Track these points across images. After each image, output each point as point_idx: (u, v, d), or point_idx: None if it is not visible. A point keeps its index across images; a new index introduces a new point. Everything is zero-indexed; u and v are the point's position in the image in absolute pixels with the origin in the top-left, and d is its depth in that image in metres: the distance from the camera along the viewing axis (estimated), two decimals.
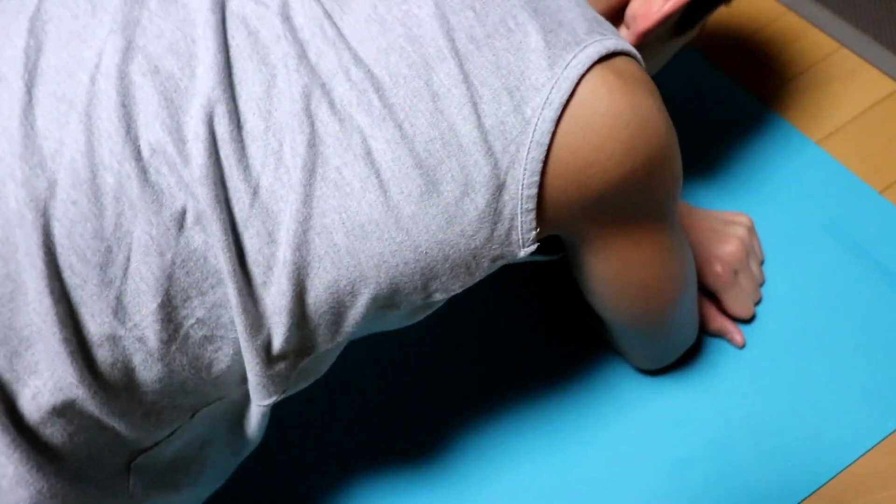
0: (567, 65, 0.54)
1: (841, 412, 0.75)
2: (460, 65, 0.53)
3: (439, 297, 0.58)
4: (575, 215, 0.59)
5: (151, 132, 0.51)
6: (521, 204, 0.55)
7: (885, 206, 0.86)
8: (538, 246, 0.58)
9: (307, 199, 0.52)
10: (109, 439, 0.54)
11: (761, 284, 0.83)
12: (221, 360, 0.55)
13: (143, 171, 0.51)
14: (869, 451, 0.73)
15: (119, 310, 0.51)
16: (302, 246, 0.53)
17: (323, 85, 0.53)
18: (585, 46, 0.55)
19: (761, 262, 0.84)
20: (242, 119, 0.52)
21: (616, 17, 0.66)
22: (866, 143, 0.91)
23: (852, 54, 0.98)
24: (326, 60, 0.53)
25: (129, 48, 0.52)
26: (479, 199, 0.54)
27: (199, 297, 0.53)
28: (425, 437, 0.78)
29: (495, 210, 0.55)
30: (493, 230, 0.55)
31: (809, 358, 0.78)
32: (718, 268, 0.78)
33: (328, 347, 0.58)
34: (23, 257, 0.49)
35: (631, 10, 0.65)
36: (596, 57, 0.54)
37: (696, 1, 0.68)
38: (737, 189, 0.89)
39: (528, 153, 0.54)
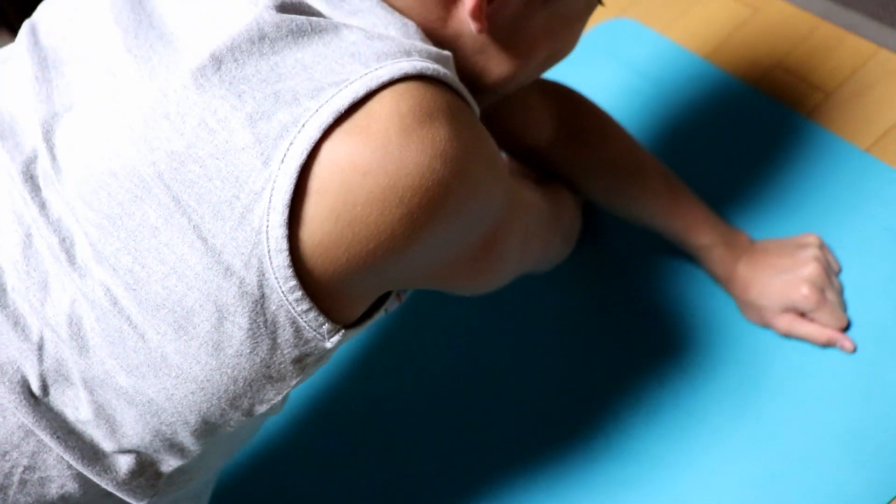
0: (283, 157, 0.49)
1: None
2: (168, 189, 0.50)
3: (262, 408, 0.57)
4: (377, 285, 0.57)
5: None
6: (293, 308, 0.52)
7: None
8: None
9: (82, 350, 0.53)
10: None
11: (840, 293, 0.85)
12: (71, 492, 0.56)
13: None
14: None
15: None
16: (94, 389, 0.53)
17: (64, 240, 0.52)
18: (304, 124, 0.49)
19: (838, 273, 0.86)
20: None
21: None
22: None
23: (893, 54, 0.99)
24: (65, 215, 0.53)
25: None
26: (240, 318, 0.52)
27: (15, 450, 0.54)
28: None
29: (266, 322, 0.52)
30: (274, 339, 0.53)
31: (889, 362, 0.80)
32: (805, 291, 0.81)
33: (183, 463, 0.58)
34: None
35: None
36: (318, 132, 0.49)
37: None
38: (795, 209, 0.91)
39: (271, 263, 0.51)
